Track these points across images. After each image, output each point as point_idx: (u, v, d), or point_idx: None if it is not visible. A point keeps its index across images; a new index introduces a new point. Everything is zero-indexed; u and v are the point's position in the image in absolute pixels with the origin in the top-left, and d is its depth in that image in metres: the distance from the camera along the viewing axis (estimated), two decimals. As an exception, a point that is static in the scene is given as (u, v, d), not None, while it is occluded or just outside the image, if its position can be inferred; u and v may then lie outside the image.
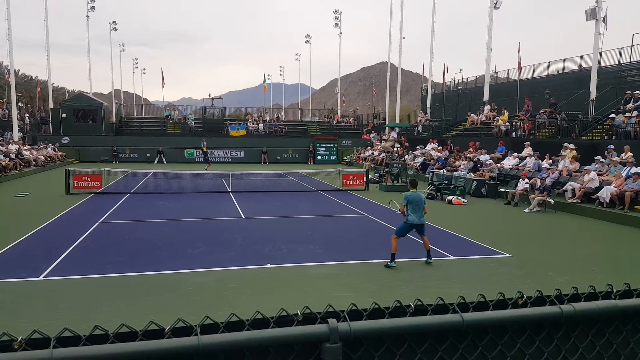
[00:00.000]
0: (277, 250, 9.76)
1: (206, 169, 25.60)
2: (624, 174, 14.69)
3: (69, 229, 11.42)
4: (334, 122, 48.56)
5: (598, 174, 15.64)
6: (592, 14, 22.16)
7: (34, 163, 27.80)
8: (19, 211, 14.12)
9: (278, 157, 39.10)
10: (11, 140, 30.94)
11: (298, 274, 8.22)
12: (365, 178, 21.14)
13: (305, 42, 61.00)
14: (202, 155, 33.96)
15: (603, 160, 16.63)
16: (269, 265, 8.63)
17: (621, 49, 25.51)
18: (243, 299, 6.89)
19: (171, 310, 6.32)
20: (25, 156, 27.47)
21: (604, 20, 22.31)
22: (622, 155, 16.57)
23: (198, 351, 1.23)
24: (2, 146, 27.37)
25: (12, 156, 25.59)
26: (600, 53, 23.94)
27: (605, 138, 19.75)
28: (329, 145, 40.27)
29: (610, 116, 20.33)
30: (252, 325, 1.36)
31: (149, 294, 7.11)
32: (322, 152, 39.87)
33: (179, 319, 1.33)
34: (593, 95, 22.65)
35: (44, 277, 7.76)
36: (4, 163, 23.36)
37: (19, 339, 1.20)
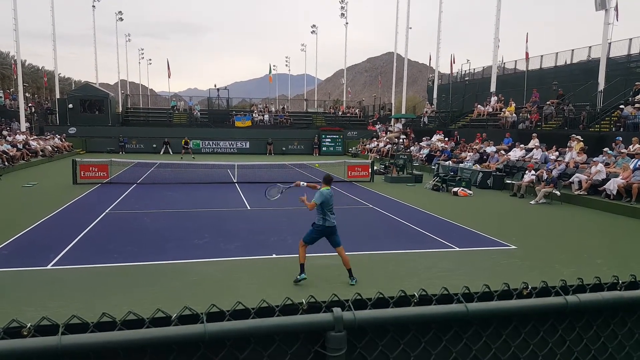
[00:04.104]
0: (282, 241, 9.79)
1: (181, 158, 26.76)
2: (631, 166, 14.55)
3: (76, 219, 11.52)
4: (340, 113, 48.38)
5: (605, 166, 15.51)
6: (601, 4, 21.81)
7: (41, 153, 27.98)
8: (27, 201, 14.25)
9: (283, 148, 39.08)
10: (18, 131, 31.15)
11: (305, 264, 8.24)
12: (370, 169, 21.10)
13: (311, 33, 60.62)
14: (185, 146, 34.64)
15: (611, 152, 16.47)
16: (274, 255, 8.68)
17: (631, 39, 25.13)
18: (248, 288, 6.94)
19: (177, 298, 6.38)
20: (33, 146, 27.65)
21: (615, 9, 21.94)
22: (630, 147, 16.40)
23: (204, 339, 1.24)
24: (10, 136, 27.57)
25: (20, 146, 25.78)
26: (610, 44, 23.59)
27: (613, 130, 19.54)
28: (334, 136, 40.16)
29: (618, 107, 20.10)
30: (257, 314, 1.37)
31: (155, 283, 7.18)
32: (327, 144, 39.78)
33: (185, 307, 1.35)
34: (601, 87, 22.37)
35: (51, 266, 7.85)
36: (11, 153, 23.54)
37: (28, 325, 1.22)
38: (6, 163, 22.13)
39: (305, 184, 7.60)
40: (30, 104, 43.36)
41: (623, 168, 14.64)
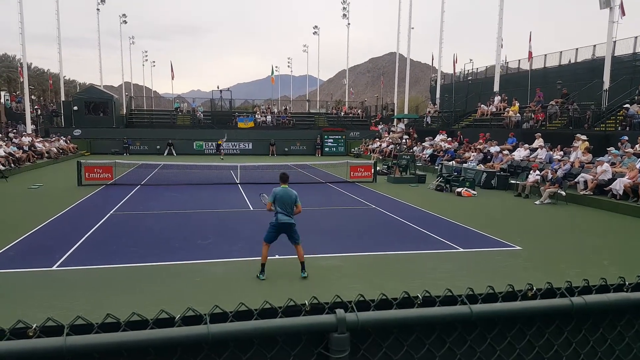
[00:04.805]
0: (285, 242, 9.77)
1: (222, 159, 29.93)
2: (637, 166, 14.45)
3: (81, 220, 11.57)
4: (342, 113, 48.36)
5: (611, 166, 15.42)
6: (606, 2, 21.69)
7: (46, 155, 28.13)
8: (33, 202, 14.32)
9: (286, 149, 39.10)
10: (24, 133, 31.34)
11: (306, 265, 8.25)
12: (373, 170, 21.08)
13: (313, 34, 60.67)
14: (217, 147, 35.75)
15: (616, 151, 16.38)
16: (276, 256, 8.67)
17: (636, 37, 24.98)
18: (251, 289, 6.95)
19: (181, 299, 6.39)
20: (38, 148, 27.80)
21: (621, 6, 21.82)
22: (636, 146, 16.30)
23: (208, 340, 1.24)
24: (16, 138, 27.73)
25: (26, 148, 25.92)
26: (614, 42, 23.46)
27: (619, 129, 19.44)
28: (336, 137, 40.14)
29: (624, 106, 20.00)
30: (260, 315, 1.37)
31: (159, 283, 7.20)
32: (329, 144, 39.77)
33: (189, 308, 1.35)
34: (606, 86, 22.25)
35: (57, 267, 7.89)
36: (17, 155, 23.67)
37: (34, 326, 1.22)
38: (12, 165, 22.26)
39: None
40: (36, 107, 43.63)
41: (629, 168, 14.55)
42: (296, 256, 7.70)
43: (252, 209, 13.92)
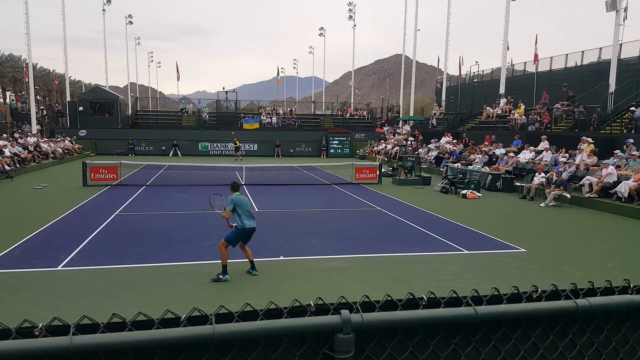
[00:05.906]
0: (290, 243, 9.80)
1: (241, 159, 31.66)
2: (643, 169, 14.36)
3: (87, 221, 11.63)
4: (347, 115, 48.35)
5: (616, 168, 15.33)
6: (612, 5, 21.58)
7: (51, 155, 28.31)
8: (38, 202, 14.42)
9: (291, 151, 39.15)
10: (30, 133, 31.56)
11: (311, 266, 8.26)
12: (378, 171, 21.06)
13: (319, 35, 60.72)
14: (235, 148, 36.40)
15: (622, 154, 16.28)
16: (281, 257, 8.69)
17: (642, 40, 24.84)
18: (256, 290, 6.96)
19: (186, 300, 6.41)
20: (44, 148, 27.98)
21: (625, 9, 21.71)
22: (642, 149, 16.20)
23: (213, 340, 1.25)
24: (21, 139, 27.93)
25: (31, 148, 26.10)
26: (621, 45, 23.34)
27: (624, 132, 19.33)
28: (342, 138, 40.13)
29: (630, 109, 19.88)
30: (265, 315, 1.37)
31: (164, 284, 7.22)
32: (335, 146, 39.77)
33: (194, 308, 1.35)
34: (612, 88, 22.12)
35: (62, 267, 7.94)
36: (22, 155, 23.84)
37: (40, 326, 1.23)
38: (17, 165, 22.41)
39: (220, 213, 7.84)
40: (41, 107, 43.93)
41: (634, 170, 14.46)
42: (298, 258, 7.71)
43: (256, 209, 13.93)
